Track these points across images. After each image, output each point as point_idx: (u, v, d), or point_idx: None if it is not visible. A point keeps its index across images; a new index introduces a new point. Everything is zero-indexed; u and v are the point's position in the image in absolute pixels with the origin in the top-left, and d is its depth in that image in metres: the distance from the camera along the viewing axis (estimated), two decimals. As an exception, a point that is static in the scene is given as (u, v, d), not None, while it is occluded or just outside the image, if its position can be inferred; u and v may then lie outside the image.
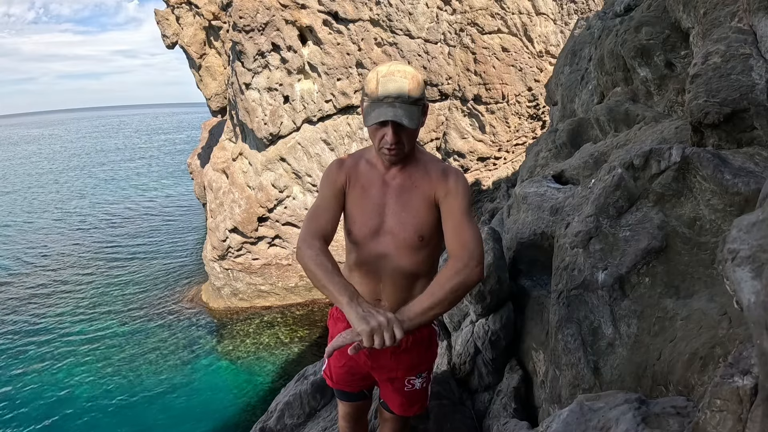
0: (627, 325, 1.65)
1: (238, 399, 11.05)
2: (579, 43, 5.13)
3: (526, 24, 14.56)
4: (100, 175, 38.14)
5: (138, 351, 12.68)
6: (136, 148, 56.25)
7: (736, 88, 1.73)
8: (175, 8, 16.50)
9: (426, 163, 1.68)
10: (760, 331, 0.79)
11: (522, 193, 2.98)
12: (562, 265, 1.99)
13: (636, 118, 2.98)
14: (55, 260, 18.98)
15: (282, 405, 3.42)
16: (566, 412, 1.30)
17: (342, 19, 13.10)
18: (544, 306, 2.40)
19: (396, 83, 1.47)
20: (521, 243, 2.73)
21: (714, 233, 1.53)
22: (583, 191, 2.38)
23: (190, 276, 17.22)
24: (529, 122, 15.60)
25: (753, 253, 0.84)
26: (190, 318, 14.41)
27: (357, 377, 1.94)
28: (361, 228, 1.67)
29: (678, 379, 1.34)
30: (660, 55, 2.86)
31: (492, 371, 2.67)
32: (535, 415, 2.31)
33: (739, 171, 1.52)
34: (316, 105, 13.55)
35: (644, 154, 1.76)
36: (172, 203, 28.03)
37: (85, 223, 24.01)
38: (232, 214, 14.09)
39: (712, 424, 0.95)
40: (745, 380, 0.92)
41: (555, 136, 4.10)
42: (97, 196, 30.20)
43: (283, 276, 14.78)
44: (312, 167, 13.96)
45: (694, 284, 1.52)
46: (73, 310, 14.90)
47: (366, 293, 1.75)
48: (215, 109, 18.67)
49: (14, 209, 27.47)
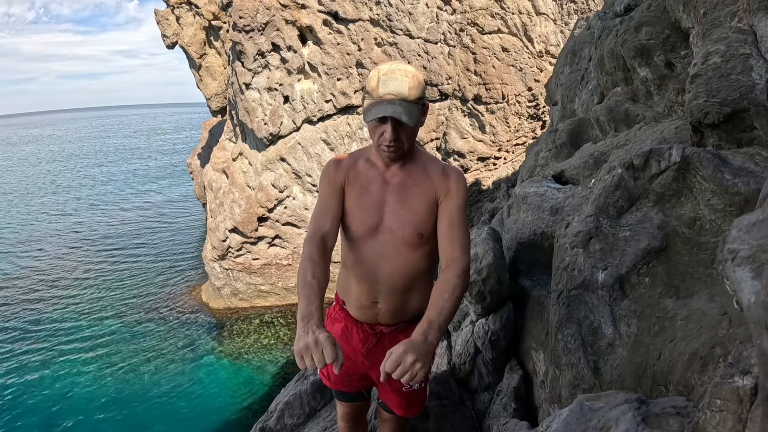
0: (627, 325, 1.64)
1: (238, 399, 11.05)
2: (579, 43, 5.13)
3: (526, 24, 14.56)
4: (100, 175, 38.12)
5: (138, 351, 12.68)
6: (135, 149, 56.24)
7: (736, 88, 1.73)
8: (175, 8, 16.50)
9: (425, 162, 1.69)
10: (760, 331, 0.79)
11: (522, 193, 2.98)
12: (562, 265, 1.99)
13: (636, 118, 2.98)
14: (55, 260, 18.98)
15: (282, 405, 3.42)
16: (566, 412, 1.30)
17: (342, 19, 13.10)
18: (544, 306, 2.40)
19: (397, 81, 1.48)
20: (521, 243, 2.73)
21: (714, 233, 1.53)
22: (583, 191, 2.38)
23: (190, 276, 17.22)
24: (529, 122, 15.60)
25: (753, 253, 0.84)
26: (190, 318, 14.41)
27: (354, 377, 1.94)
28: (360, 225, 1.67)
29: (678, 379, 1.34)
30: (660, 55, 2.86)
31: (492, 371, 2.67)
32: (535, 415, 2.31)
33: (739, 171, 1.52)
34: (316, 105, 13.55)
35: (644, 154, 1.76)
36: (172, 203, 28.03)
37: (84, 224, 23.99)
38: (232, 214, 14.09)
39: (712, 424, 0.95)
40: (745, 380, 0.92)
41: (555, 136, 4.10)
42: (96, 197, 30.18)
43: (283, 276, 14.78)
44: (312, 167, 13.96)
45: (694, 284, 1.52)
46: (72, 310, 14.89)
47: (363, 295, 1.75)
48: (215, 109, 18.68)
49: (14, 209, 27.47)
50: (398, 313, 1.77)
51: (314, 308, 1.36)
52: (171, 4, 16.44)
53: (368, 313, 1.78)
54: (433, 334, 1.32)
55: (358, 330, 1.83)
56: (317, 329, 1.27)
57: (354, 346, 1.84)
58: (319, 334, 1.25)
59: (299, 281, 1.46)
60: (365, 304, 1.76)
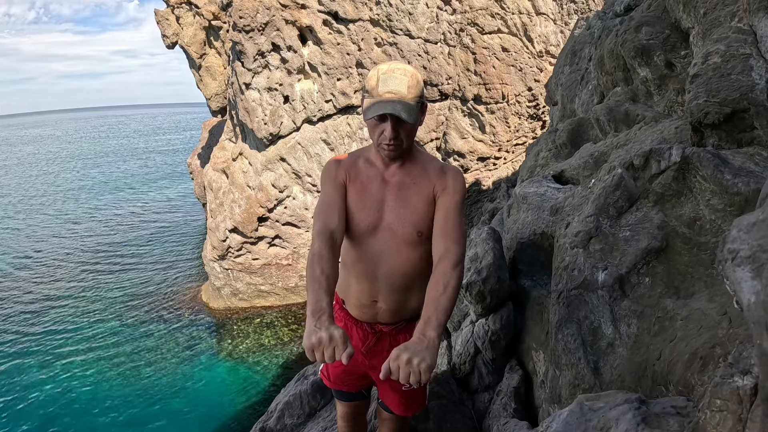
0: (627, 325, 1.64)
1: (238, 399, 11.04)
2: (579, 43, 5.13)
3: (526, 24, 14.56)
4: (99, 176, 38.08)
5: (138, 351, 12.67)
6: (135, 149, 56.20)
7: (736, 88, 1.73)
8: (175, 8, 16.50)
9: (424, 161, 1.70)
10: (760, 331, 0.79)
11: (522, 193, 2.98)
12: (562, 265, 1.99)
13: (636, 118, 2.98)
14: (55, 261, 18.97)
15: (282, 405, 3.42)
16: (566, 412, 1.30)
17: (342, 19, 13.10)
18: (544, 306, 2.40)
19: (396, 80, 1.50)
20: (521, 243, 2.73)
21: (714, 233, 1.53)
22: (583, 191, 2.38)
23: (190, 276, 17.21)
24: (529, 122, 15.60)
25: (753, 253, 0.84)
26: (190, 318, 14.40)
27: (354, 377, 1.94)
28: (360, 224, 1.67)
29: (678, 379, 1.34)
30: (660, 55, 2.86)
31: (492, 371, 2.67)
32: (535, 415, 2.31)
33: (739, 171, 1.52)
34: (316, 105, 13.55)
35: (644, 154, 1.76)
36: (172, 203, 28.02)
37: (83, 224, 23.98)
38: (232, 214, 14.09)
39: (712, 424, 0.95)
40: (745, 380, 0.92)
41: (555, 136, 4.09)
42: (96, 197, 30.16)
43: (283, 276, 14.78)
44: (312, 167, 13.96)
45: (694, 284, 1.52)
46: (72, 310, 14.89)
47: (362, 294, 1.75)
48: (215, 109, 18.67)
49: (14, 209, 27.46)
50: (398, 312, 1.77)
51: (325, 303, 1.37)
52: (171, 4, 16.44)
53: (368, 312, 1.78)
54: (431, 329, 1.31)
55: (357, 329, 1.83)
56: (330, 325, 1.29)
57: (354, 345, 1.83)
58: (334, 330, 1.27)
59: (308, 277, 1.46)
60: (365, 303, 1.76)
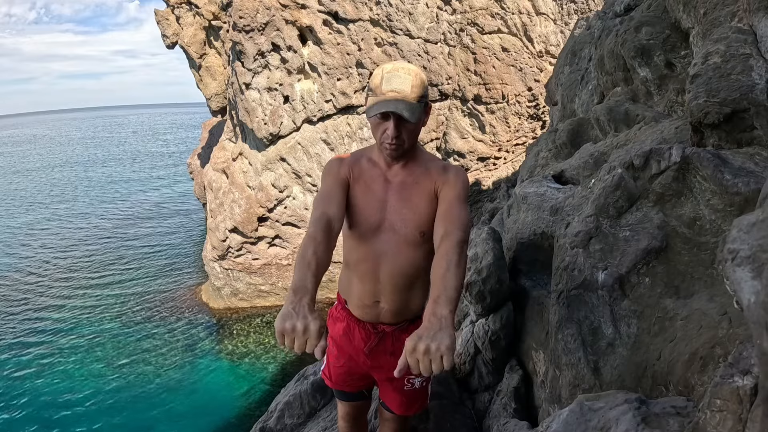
0: (627, 325, 1.65)
1: (238, 399, 11.05)
2: (579, 43, 5.13)
3: (526, 24, 14.56)
4: (99, 176, 38.07)
5: (138, 351, 12.68)
6: (135, 149, 56.21)
7: (736, 88, 1.73)
8: (175, 8, 16.50)
9: (426, 161, 1.69)
10: (760, 331, 0.79)
11: (522, 193, 2.98)
12: (562, 265, 1.99)
13: (636, 118, 2.98)
14: (55, 260, 18.98)
15: (282, 405, 3.42)
16: (566, 412, 1.30)
17: (342, 19, 13.10)
18: (544, 306, 2.40)
19: (400, 79, 1.50)
20: (521, 243, 2.73)
21: (714, 233, 1.53)
22: (583, 191, 2.38)
23: (190, 276, 17.21)
24: (529, 122, 15.59)
25: (753, 253, 0.84)
26: (190, 318, 14.40)
27: (356, 377, 1.94)
28: (362, 224, 1.67)
29: (678, 379, 1.34)
30: (660, 55, 2.86)
31: (492, 371, 2.67)
32: (535, 415, 2.31)
33: (739, 171, 1.52)
34: (316, 105, 13.55)
35: (644, 154, 1.76)
36: (172, 203, 28.01)
37: (83, 224, 23.97)
38: (232, 214, 14.09)
39: (712, 424, 0.95)
40: (745, 380, 0.92)
41: (555, 136, 4.10)
42: (95, 197, 30.15)
43: (283, 276, 14.77)
44: (312, 167, 13.96)
45: (694, 284, 1.52)
46: (72, 310, 14.89)
47: (364, 294, 1.75)
48: (215, 109, 18.66)
49: (14, 209, 27.46)
50: (400, 312, 1.77)
51: (309, 284, 1.26)
52: (171, 4, 16.43)
53: (370, 313, 1.78)
54: (441, 307, 1.19)
55: (360, 329, 1.83)
56: (309, 314, 1.17)
57: (356, 345, 1.84)
58: (311, 322, 1.15)
59: (298, 257, 1.36)
60: (367, 303, 1.76)
